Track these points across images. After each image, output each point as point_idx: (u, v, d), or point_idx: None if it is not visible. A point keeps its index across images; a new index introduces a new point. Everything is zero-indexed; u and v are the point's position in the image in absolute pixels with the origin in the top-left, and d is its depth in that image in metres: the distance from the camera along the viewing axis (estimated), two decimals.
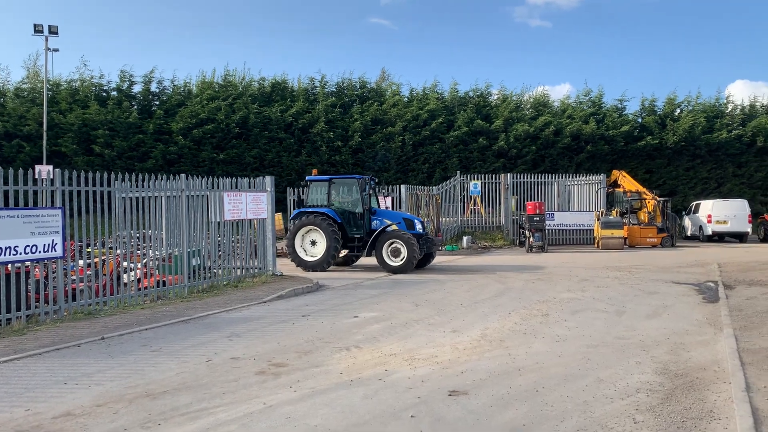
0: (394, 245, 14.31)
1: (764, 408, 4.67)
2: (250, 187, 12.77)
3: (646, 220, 24.22)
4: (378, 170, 30.27)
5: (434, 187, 23.22)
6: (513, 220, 24.56)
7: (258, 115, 29.84)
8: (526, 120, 32.35)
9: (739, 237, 26.55)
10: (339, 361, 6.21)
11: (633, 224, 23.84)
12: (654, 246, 23.13)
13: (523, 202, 24.31)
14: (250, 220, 12.79)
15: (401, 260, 14.21)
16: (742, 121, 34.20)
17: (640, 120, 33.96)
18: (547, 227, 22.88)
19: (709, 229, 26.17)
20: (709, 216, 26.15)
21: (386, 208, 18.38)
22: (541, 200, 24.58)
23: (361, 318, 8.58)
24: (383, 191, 20.85)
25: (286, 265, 15.04)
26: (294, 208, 20.68)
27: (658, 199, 24.49)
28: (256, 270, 12.93)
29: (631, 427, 4.36)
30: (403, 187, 20.60)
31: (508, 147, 30.98)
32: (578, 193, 25.87)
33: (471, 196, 25.34)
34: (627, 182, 25.78)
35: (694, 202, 28.78)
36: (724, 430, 4.28)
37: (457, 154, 30.80)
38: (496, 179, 25.17)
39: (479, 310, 9.15)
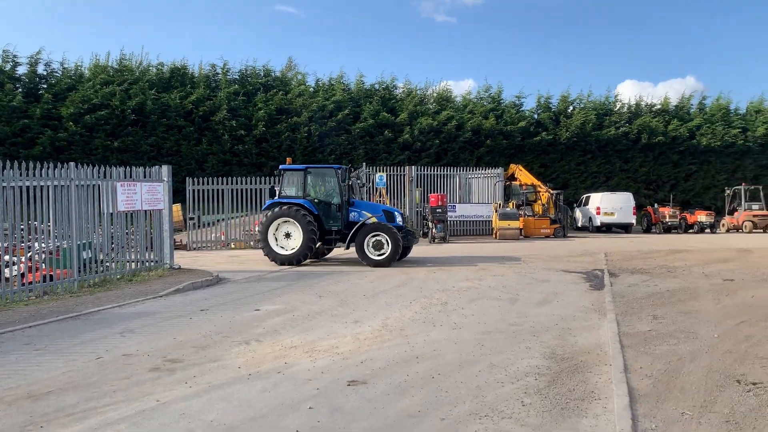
0: (377, 238, 14.00)
1: (639, 387, 5.05)
2: (145, 177, 12.22)
3: (541, 212, 25.44)
4: (283, 161, 29.83)
5: None
6: (417, 211, 25.01)
7: (156, 102, 28.56)
8: (430, 114, 33.03)
9: (625, 228, 28.47)
10: (237, 356, 6.08)
11: (528, 216, 24.97)
12: (547, 236, 24.34)
13: (427, 194, 24.81)
14: (146, 211, 12.25)
15: (384, 253, 13.89)
16: (629, 118, 36.63)
17: (536, 116, 35.55)
18: (449, 218, 23.50)
19: (597, 221, 27.88)
20: (598, 208, 27.86)
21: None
22: (444, 192, 25.19)
23: (263, 311, 8.45)
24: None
25: (230, 260, 14.50)
26: (193, 199, 19.99)
27: (551, 192, 25.77)
28: (152, 263, 12.42)
29: (519, 410, 4.57)
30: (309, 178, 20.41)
31: (412, 140, 31.50)
32: (478, 185, 26.75)
33: (378, 188, 25.52)
34: (523, 176, 26.93)
35: (585, 195, 30.55)
36: (603, 409, 4.58)
37: (363, 145, 30.97)
38: (400, 171, 25.52)
39: (382, 300, 9.25)
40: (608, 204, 27.85)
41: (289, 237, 14.11)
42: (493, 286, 10.69)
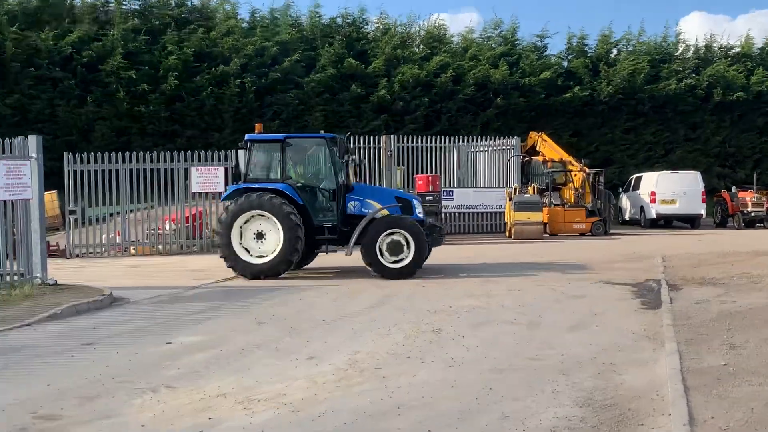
0: (393, 238, 13.83)
1: None
2: (3, 152, 12.10)
3: (573, 200, 25.74)
4: (206, 129, 29.76)
5: None
6: None
7: (18, 44, 28.18)
8: (416, 61, 33.20)
9: (691, 221, 28.98)
10: (141, 409, 6.05)
11: (556, 205, 25.27)
12: (582, 234, 24.66)
13: (412, 174, 24.92)
14: (5, 202, 12.12)
15: (404, 259, 13.81)
16: (697, 67, 37.23)
17: (565, 64, 35.92)
18: (444, 210, 23.63)
19: (652, 211, 28.33)
20: (653, 193, 28.29)
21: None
22: (437, 172, 25.35)
23: (177, 344, 8.43)
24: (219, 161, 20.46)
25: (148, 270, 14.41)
26: (74, 185, 19.77)
27: (587, 171, 26.09)
28: (17, 277, 12.30)
29: None
30: (241, 153, 20.32)
31: (391, 98, 31.64)
32: (485, 162, 26.95)
33: None
34: (548, 148, 27.20)
35: (635, 175, 30.99)
36: None
37: (322, 105, 31.06)
38: (374, 143, 25.58)
39: (348, 327, 9.28)
40: (667, 187, 28.30)
41: (262, 238, 13.93)
42: (507, 304, 10.76)
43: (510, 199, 24.09)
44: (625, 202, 30.76)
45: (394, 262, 13.80)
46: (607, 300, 11.14)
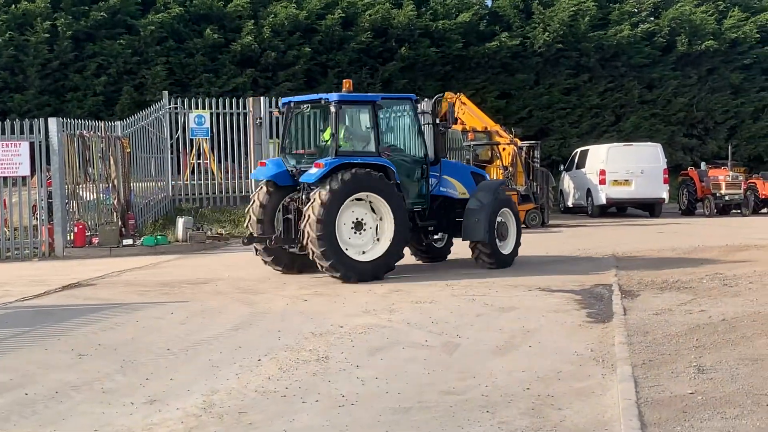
0: (500, 219, 15.83)
1: None
2: None
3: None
4: (1, 88, 28.86)
5: (118, 123, 22.82)
6: None
7: None
8: None
9: (650, 207, 29.82)
10: None
11: None
12: None
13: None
14: None
15: (509, 243, 16.12)
16: (655, 8, 38.31)
17: (489, 3, 36.35)
18: None
19: (602, 196, 29.07)
20: (602, 173, 29.02)
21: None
22: None
23: None
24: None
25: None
26: None
27: (519, 144, 26.52)
28: None
29: None
30: (53, 122, 19.87)
31: (260, 47, 31.39)
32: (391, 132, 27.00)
33: (193, 140, 25.23)
34: (468, 114, 27.47)
35: (579, 149, 31.76)
36: None
37: (164, 56, 30.55)
38: (238, 107, 25.32)
39: (203, 358, 9.19)
40: (620, 165, 29.04)
41: (361, 229, 14.68)
42: (415, 321, 10.82)
43: None
44: (567, 183, 31.44)
45: (501, 246, 15.94)
46: (544, 312, 11.33)
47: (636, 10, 37.83)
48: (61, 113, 25.40)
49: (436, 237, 16.86)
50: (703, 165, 32.56)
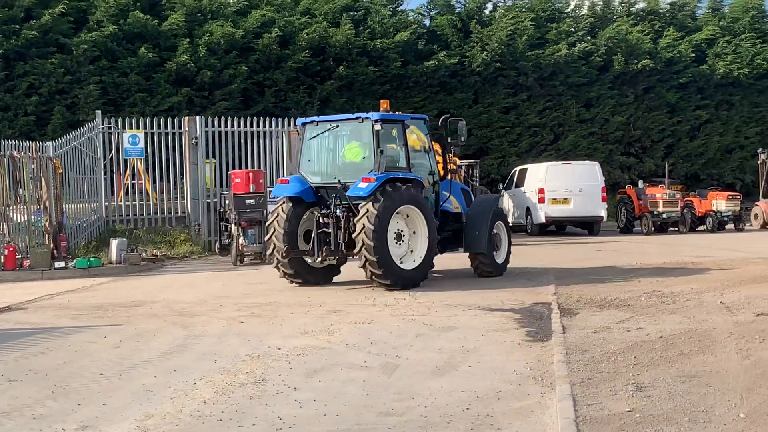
0: (494, 231, 17.37)
1: None
2: None
3: None
4: None
5: (50, 144, 22.54)
6: (208, 204, 24.79)
7: None
8: (229, 16, 33.09)
9: (589, 225, 30.14)
10: None
11: None
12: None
13: (227, 170, 24.66)
14: None
15: (501, 253, 17.74)
16: (592, 28, 38.86)
17: (427, 22, 36.68)
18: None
19: (541, 214, 29.34)
20: (541, 191, 29.30)
21: None
22: (260, 167, 25.20)
23: None
24: None
25: None
26: None
27: (458, 162, 26.66)
28: None
29: None
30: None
31: (195, 66, 31.27)
32: None
33: (128, 160, 25.01)
34: (407, 133, 27.59)
35: (518, 168, 32.02)
36: None
37: (97, 75, 30.31)
38: (173, 127, 25.17)
39: (137, 383, 9.10)
40: (559, 183, 29.34)
41: (401, 240, 15.96)
42: (353, 342, 10.84)
43: None
44: (506, 202, 31.58)
45: (495, 257, 17.49)
46: (484, 331, 11.38)
47: (573, 30, 38.33)
48: None
49: None
50: (640, 183, 32.96)
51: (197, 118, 25.37)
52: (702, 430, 6.91)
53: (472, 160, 27.95)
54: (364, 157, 16.25)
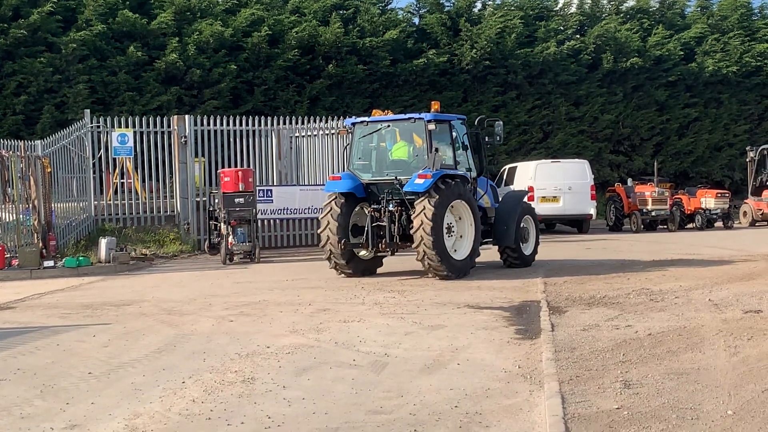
0: (522, 224, 18.63)
1: None
2: None
3: None
4: None
5: (38, 143, 22.50)
6: (198, 203, 24.78)
7: None
8: (218, 14, 33.15)
9: (578, 224, 30.20)
10: None
11: None
12: None
13: (216, 168, 24.66)
14: None
15: (529, 245, 18.97)
16: (581, 26, 38.96)
17: (417, 21, 36.72)
18: (261, 216, 23.52)
19: None
20: (531, 189, 29.25)
21: None
22: (249, 165, 25.20)
23: None
24: None
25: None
26: None
27: None
28: None
29: None
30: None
31: (185, 64, 31.28)
32: (314, 151, 27.01)
33: (117, 159, 24.98)
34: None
35: (507, 166, 32.06)
36: None
37: (86, 75, 30.31)
38: (163, 126, 25.15)
39: (126, 381, 9.11)
40: (547, 181, 29.39)
41: (451, 232, 16.89)
42: (343, 341, 10.87)
43: None
44: None
45: (523, 248, 18.65)
46: (473, 329, 11.41)
47: (562, 28, 38.41)
48: None
49: None
50: (629, 181, 33.03)
51: (186, 116, 25.33)
52: (690, 427, 6.94)
53: None
54: (417, 155, 17.33)
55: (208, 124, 25.28)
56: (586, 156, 34.19)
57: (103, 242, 21.27)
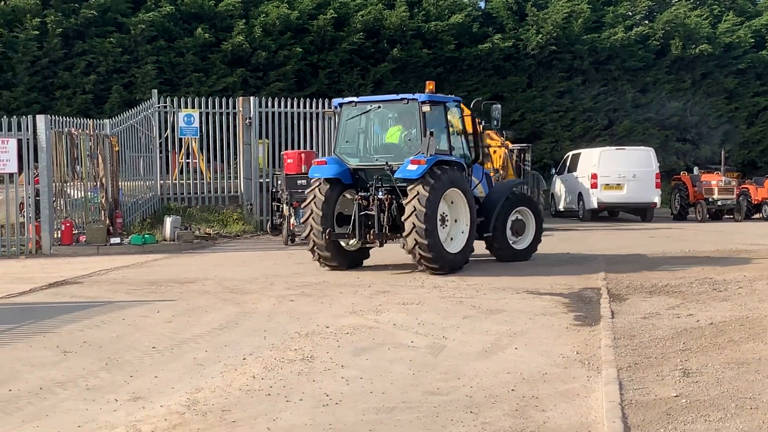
0: (518, 216, 17.18)
1: None
2: None
3: None
4: None
5: (107, 122, 22.84)
6: (261, 184, 24.97)
7: None
8: None
9: (642, 212, 29.94)
10: None
11: None
12: None
13: (280, 150, 24.84)
14: None
15: (525, 239, 17.33)
16: (649, 11, 38.49)
17: (482, 5, 36.56)
18: None
19: (593, 200, 29.15)
20: (594, 176, 29.12)
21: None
22: (313, 147, 25.33)
23: None
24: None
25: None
26: None
27: (510, 146, 26.58)
28: None
29: None
30: (41, 120, 19.88)
31: (251, 46, 31.48)
32: None
33: (182, 139, 25.26)
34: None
35: (571, 153, 31.85)
36: None
37: (154, 55, 30.64)
38: (228, 107, 25.38)
39: (188, 357, 9.27)
40: (612, 168, 29.15)
41: (444, 223, 15.65)
42: (402, 322, 10.91)
43: None
44: (558, 187, 31.50)
45: (517, 241, 17.21)
46: (532, 315, 11.42)
47: (630, 14, 38.04)
48: (50, 111, 25.35)
49: None
50: (695, 170, 32.66)
51: (251, 98, 25.53)
52: (748, 416, 6.88)
53: (524, 144, 27.77)
54: (409, 139, 16.02)
55: (273, 106, 25.46)
56: (651, 144, 33.81)
57: (168, 221, 21.56)
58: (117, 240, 20.16)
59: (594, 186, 29.02)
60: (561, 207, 31.33)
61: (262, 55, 31.43)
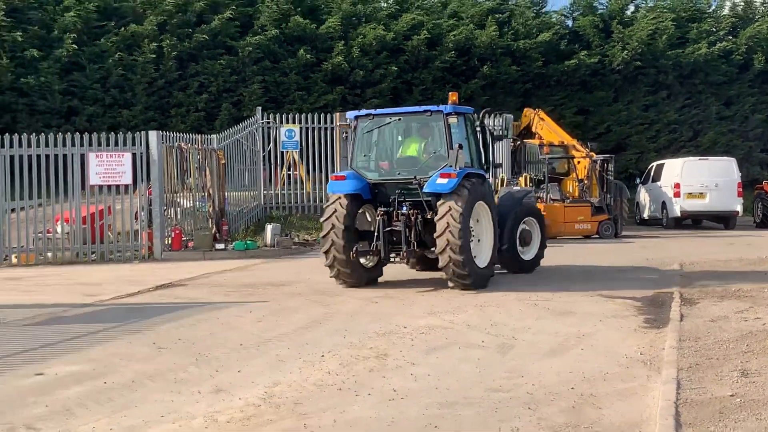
0: (524, 227, 16.03)
1: None
2: None
3: (577, 194, 25.89)
4: (111, 104, 29.56)
5: (214, 137, 23.21)
6: None
7: None
8: (381, 19, 33.41)
9: (724, 220, 29.26)
10: None
11: (554, 200, 25.37)
12: (587, 236, 24.82)
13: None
14: None
15: (531, 249, 16.19)
16: (733, 27, 37.66)
17: (570, 23, 36.21)
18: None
19: (676, 208, 28.58)
20: (677, 185, 28.55)
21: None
22: None
23: (51, 375, 8.47)
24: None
25: None
26: (13, 174, 19.51)
27: (595, 157, 26.27)
28: None
29: None
30: (153, 135, 20.29)
31: (349, 66, 31.71)
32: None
33: (284, 153, 25.58)
34: (546, 129, 27.36)
35: (655, 163, 31.29)
36: None
37: (260, 75, 31.09)
38: (327, 122, 25.63)
39: (272, 353, 9.39)
40: (695, 178, 28.56)
41: (471, 237, 14.21)
42: (475, 323, 10.90)
43: (496, 192, 24.13)
44: (642, 196, 31.01)
45: (525, 251, 16.09)
46: (602, 317, 11.28)
47: (714, 29, 37.24)
48: (166, 128, 25.80)
49: None
50: None
51: (351, 114, 25.63)
52: None
53: (608, 155, 27.38)
54: (434, 152, 14.80)
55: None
56: (735, 155, 33.00)
57: (269, 228, 21.87)
58: (222, 246, 20.46)
59: (677, 195, 28.49)
60: (645, 215, 30.86)
61: (359, 74, 31.62)
